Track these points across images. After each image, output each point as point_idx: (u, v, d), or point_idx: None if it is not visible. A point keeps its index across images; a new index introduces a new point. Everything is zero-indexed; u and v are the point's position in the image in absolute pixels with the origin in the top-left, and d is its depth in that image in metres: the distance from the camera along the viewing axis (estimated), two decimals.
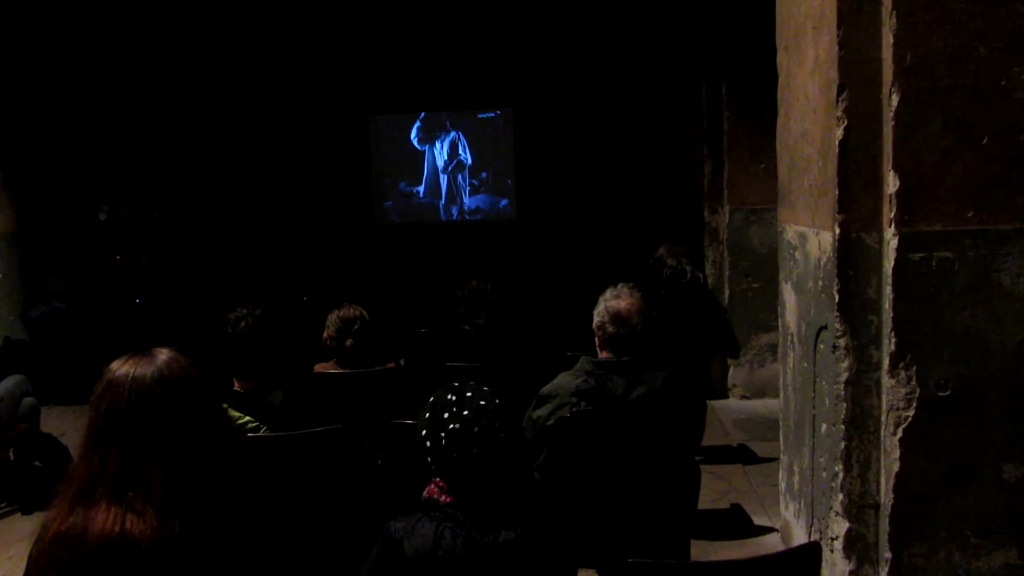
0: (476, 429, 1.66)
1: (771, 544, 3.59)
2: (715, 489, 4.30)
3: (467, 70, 8.84)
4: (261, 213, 8.80)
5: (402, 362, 4.17)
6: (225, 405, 2.63)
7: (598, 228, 8.43)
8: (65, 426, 5.04)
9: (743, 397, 5.92)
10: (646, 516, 2.56)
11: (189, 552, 1.45)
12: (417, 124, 9.56)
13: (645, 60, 8.16)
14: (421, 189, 9.76)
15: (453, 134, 9.61)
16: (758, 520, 3.88)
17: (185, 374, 1.61)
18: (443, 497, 1.69)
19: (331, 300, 7.34)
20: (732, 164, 5.81)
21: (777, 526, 3.73)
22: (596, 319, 2.69)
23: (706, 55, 6.06)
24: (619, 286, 2.74)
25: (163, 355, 1.62)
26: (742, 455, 4.79)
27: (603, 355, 2.68)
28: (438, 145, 9.66)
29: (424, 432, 1.70)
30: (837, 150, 2.68)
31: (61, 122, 7.43)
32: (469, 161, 9.66)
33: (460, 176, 9.74)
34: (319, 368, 3.47)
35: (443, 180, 9.76)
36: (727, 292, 5.99)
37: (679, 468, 2.59)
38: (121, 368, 1.59)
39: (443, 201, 9.77)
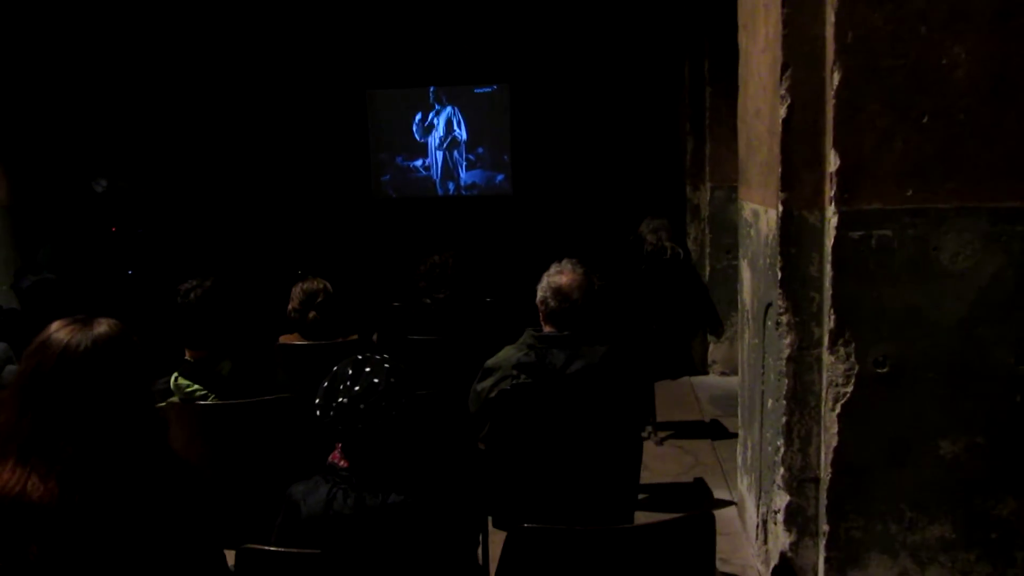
0: (362, 406, 1.71)
1: (726, 518, 3.65)
2: (681, 463, 4.36)
3: (464, 45, 8.83)
4: (258, 186, 8.86)
5: (375, 336, 4.24)
6: (176, 374, 2.73)
7: (589, 203, 8.45)
8: None
9: (722, 373, 5.96)
10: (584, 487, 2.62)
11: (86, 524, 1.48)
12: (415, 98, 9.57)
13: (636, 36, 8.13)
14: (418, 164, 9.79)
15: (450, 109, 9.62)
16: (719, 494, 3.93)
17: (118, 349, 1.61)
18: (341, 462, 1.75)
19: (326, 273, 7.44)
20: (714, 141, 5.81)
21: (736, 500, 3.79)
22: (539, 294, 2.73)
23: (690, 32, 6.04)
24: (563, 262, 2.78)
25: (102, 327, 1.62)
26: (713, 430, 4.84)
27: (546, 329, 2.72)
28: (435, 120, 9.67)
29: (318, 401, 1.76)
30: (781, 128, 2.70)
31: (55, 93, 7.48)
32: (464, 136, 9.67)
33: (456, 151, 9.75)
34: (283, 340, 3.53)
35: (439, 155, 9.78)
36: (708, 269, 6.01)
37: (618, 441, 2.64)
38: (58, 332, 1.60)
39: (439, 176, 9.80)
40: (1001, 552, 2.66)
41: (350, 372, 1.77)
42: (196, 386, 2.64)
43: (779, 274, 2.75)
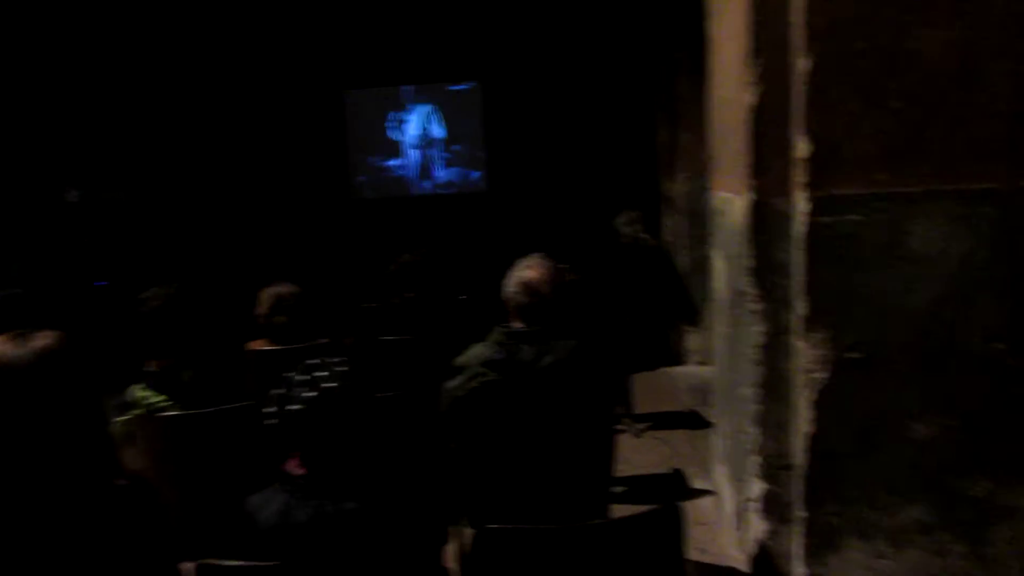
0: (315, 412, 1.67)
1: (704, 508, 3.64)
2: (659, 454, 4.35)
3: (437, 43, 8.78)
4: (235, 190, 8.76)
5: (350, 339, 4.18)
6: (138, 386, 2.67)
7: (564, 198, 8.43)
8: None
9: (700, 363, 5.95)
10: (557, 482, 2.59)
11: (30, 543, 1.43)
12: (390, 98, 9.51)
13: (609, 29, 8.11)
14: (394, 163, 9.74)
15: (426, 107, 9.57)
16: (697, 484, 3.93)
17: (60, 363, 1.56)
18: (298, 470, 1.71)
19: (303, 276, 7.36)
20: (687, 132, 5.80)
21: (713, 489, 3.77)
22: (507, 289, 2.69)
23: (664, 23, 6.03)
24: (531, 256, 2.75)
25: (42, 340, 1.57)
26: (691, 420, 4.84)
27: (515, 325, 2.69)
28: (411, 118, 9.62)
29: (270, 410, 1.71)
30: (749, 115, 2.69)
31: (22, 102, 7.36)
32: (441, 134, 9.63)
33: (432, 149, 9.71)
34: (251, 345, 3.48)
35: (415, 154, 9.73)
36: (685, 259, 6.00)
37: (591, 435, 2.62)
38: None
39: (416, 175, 9.75)
40: (976, 531, 2.66)
41: (303, 377, 1.72)
42: (161, 397, 2.59)
43: (750, 262, 2.73)
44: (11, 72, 7.16)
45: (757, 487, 2.82)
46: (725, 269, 3.24)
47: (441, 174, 9.68)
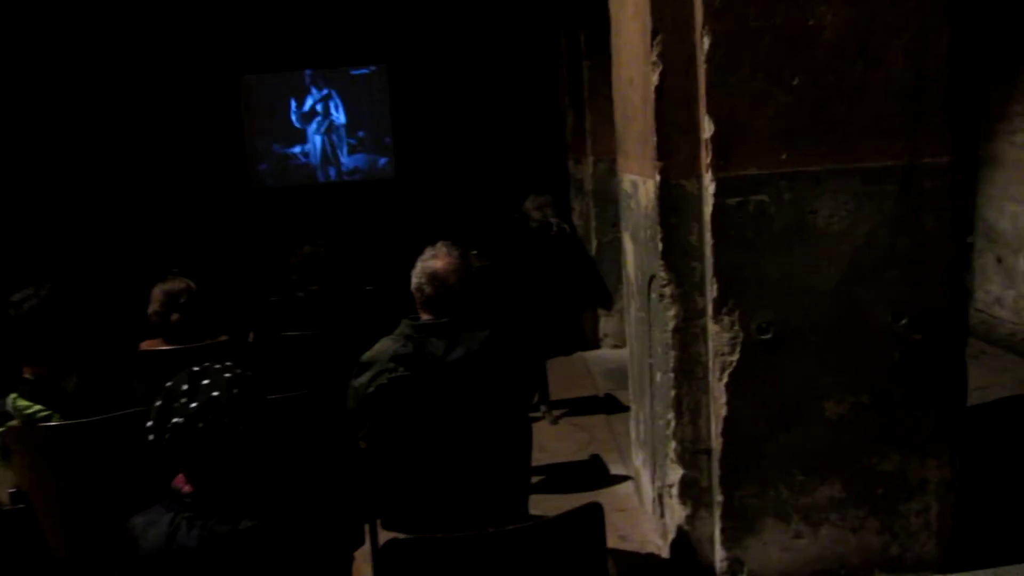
0: (201, 424, 1.53)
1: (623, 494, 3.61)
2: (577, 441, 4.31)
3: (338, 27, 8.52)
4: (126, 183, 8.31)
5: (251, 335, 4.00)
6: (14, 395, 2.46)
7: (472, 183, 8.32)
8: None
9: (614, 346, 5.96)
10: (473, 479, 2.50)
11: None
12: (290, 83, 9.21)
13: (512, 10, 8.01)
14: (296, 150, 9.45)
15: (327, 92, 9.31)
16: (616, 470, 3.90)
17: None
18: (185, 487, 1.57)
19: (204, 270, 7.05)
20: (594, 114, 5.76)
21: (632, 475, 3.76)
22: (413, 280, 2.58)
23: (565, 4, 5.96)
24: (437, 245, 2.64)
25: None
26: (607, 405, 4.82)
27: (423, 317, 2.58)
28: (312, 104, 9.35)
29: (150, 424, 1.56)
30: (654, 96, 2.63)
31: None
32: (342, 120, 9.39)
33: (335, 135, 9.46)
34: (145, 346, 3.27)
35: (318, 140, 9.47)
36: (595, 243, 5.98)
37: (506, 428, 2.54)
38: None
39: (319, 162, 9.49)
40: (888, 506, 2.70)
41: (185, 387, 1.57)
42: (38, 406, 2.39)
43: (660, 245, 2.69)
44: None
45: (675, 472, 2.80)
46: (636, 252, 3.20)
47: (346, 161, 9.45)
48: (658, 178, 2.66)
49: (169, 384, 1.59)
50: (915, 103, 2.56)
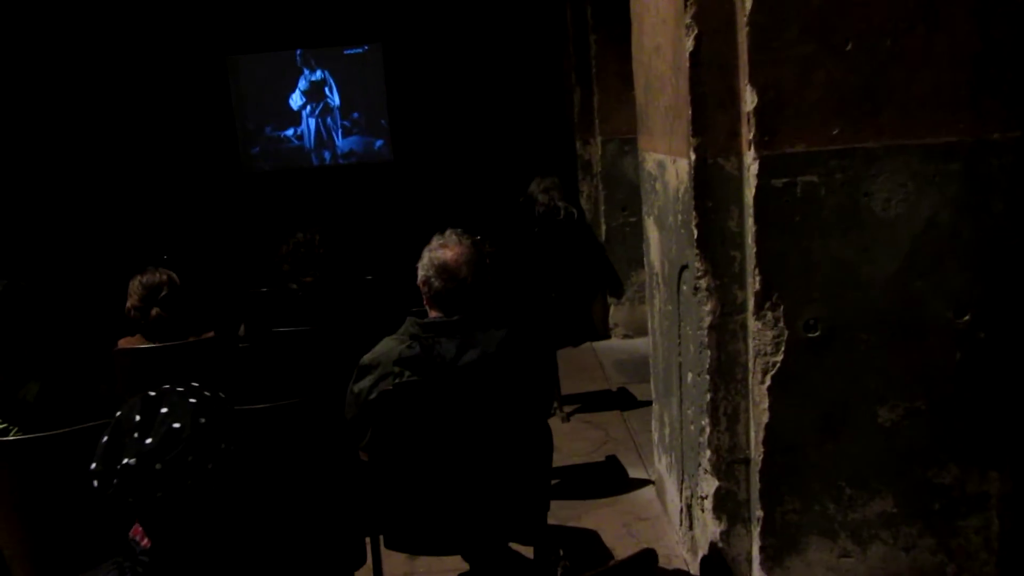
0: (159, 466, 1.22)
1: (645, 500, 3.35)
2: (591, 439, 4.04)
3: (331, 3, 8.19)
4: (111, 170, 7.99)
5: (242, 329, 3.71)
6: None
7: (475, 165, 8.02)
8: None
9: (625, 336, 5.69)
10: (487, 496, 2.23)
11: None
12: (281, 63, 8.89)
13: None
14: (289, 133, 9.14)
15: (320, 73, 8.99)
16: (634, 472, 3.63)
17: None
18: (144, 540, 1.28)
19: (195, 260, 6.74)
20: (602, 92, 5.46)
21: (653, 478, 3.49)
22: (420, 273, 2.29)
23: None
24: (447, 232, 2.35)
25: None
26: (621, 400, 4.55)
27: (431, 315, 2.30)
28: (304, 85, 9.03)
29: (94, 467, 1.26)
30: (688, 63, 2.34)
31: None
32: (336, 102, 9.07)
33: (329, 118, 9.15)
34: (123, 343, 2.98)
35: (312, 123, 9.16)
36: (604, 227, 5.70)
37: (524, 439, 2.26)
38: None
39: (313, 145, 9.18)
40: (944, 523, 2.43)
41: (138, 418, 1.26)
42: None
43: (694, 232, 2.41)
44: None
45: (709, 484, 2.53)
46: (662, 240, 2.91)
47: (342, 144, 9.15)
48: (693, 156, 2.37)
49: (119, 414, 1.28)
50: (983, 71, 2.26)
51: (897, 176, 2.28)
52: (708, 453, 2.51)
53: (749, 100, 2.27)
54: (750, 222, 2.31)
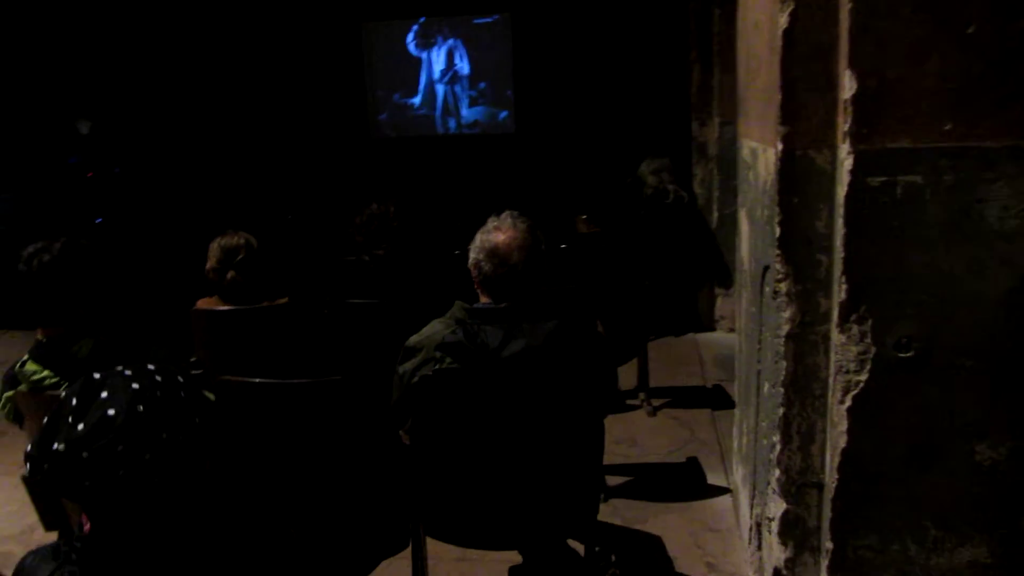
0: (85, 455, 1.15)
1: (719, 510, 3.14)
2: (675, 437, 3.84)
3: None
4: (247, 128, 8.28)
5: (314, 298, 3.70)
6: (26, 357, 2.23)
7: (591, 143, 7.81)
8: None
9: (730, 330, 5.39)
10: (531, 490, 2.11)
11: None
12: (413, 31, 8.93)
13: None
14: (417, 100, 9.19)
15: (451, 41, 8.98)
16: (714, 478, 3.41)
17: None
18: (87, 525, 1.23)
19: (318, 219, 6.88)
20: (723, 70, 5.14)
21: (732, 488, 3.27)
22: (471, 255, 2.18)
23: None
24: (503, 215, 2.22)
25: None
26: (715, 398, 4.31)
27: (481, 300, 2.18)
28: (435, 53, 9.04)
29: (28, 449, 1.21)
30: (781, 43, 2.10)
31: (35, 33, 6.93)
32: (467, 70, 9.04)
33: (458, 86, 9.14)
34: (201, 304, 3.02)
35: (440, 91, 9.17)
36: (716, 214, 5.41)
37: (571, 437, 2.12)
38: None
39: (439, 113, 9.20)
40: None
41: (74, 402, 1.21)
42: (46, 372, 2.15)
43: (777, 230, 2.18)
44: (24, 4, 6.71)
45: (777, 506, 2.31)
46: (751, 235, 2.68)
47: (467, 113, 9.12)
48: (780, 146, 2.14)
49: (63, 395, 1.23)
50: None
51: (1019, 182, 1.98)
52: (777, 473, 2.30)
53: (848, 87, 2.01)
54: (840, 224, 2.07)
